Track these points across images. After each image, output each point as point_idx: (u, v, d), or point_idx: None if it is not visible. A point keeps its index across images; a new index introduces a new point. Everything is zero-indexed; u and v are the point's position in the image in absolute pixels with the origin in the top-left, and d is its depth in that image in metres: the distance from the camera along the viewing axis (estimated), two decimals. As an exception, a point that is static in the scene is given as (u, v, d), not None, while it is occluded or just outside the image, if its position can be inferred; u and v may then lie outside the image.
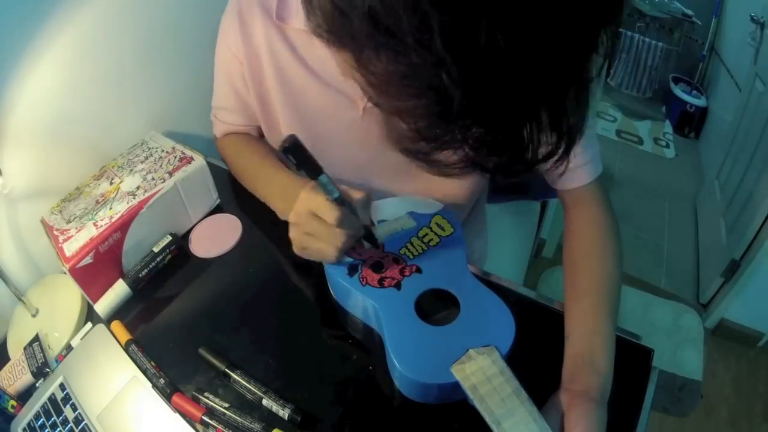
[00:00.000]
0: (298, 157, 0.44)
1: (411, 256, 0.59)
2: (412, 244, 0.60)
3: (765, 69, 1.61)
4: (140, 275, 0.69)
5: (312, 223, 0.52)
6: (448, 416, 0.54)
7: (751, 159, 1.57)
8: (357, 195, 0.53)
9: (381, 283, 0.56)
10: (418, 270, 0.58)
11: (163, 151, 0.78)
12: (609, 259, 0.60)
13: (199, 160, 0.75)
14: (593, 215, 0.65)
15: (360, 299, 0.57)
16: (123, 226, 0.67)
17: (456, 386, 0.48)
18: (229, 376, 0.57)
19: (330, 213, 0.49)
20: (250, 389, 0.56)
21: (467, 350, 0.50)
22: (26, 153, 0.69)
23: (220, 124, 0.79)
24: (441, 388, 0.50)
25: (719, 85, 2.38)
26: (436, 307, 0.56)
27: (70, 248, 0.64)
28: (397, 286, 0.56)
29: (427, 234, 0.61)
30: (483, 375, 0.48)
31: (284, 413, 0.53)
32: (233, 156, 0.79)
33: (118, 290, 0.67)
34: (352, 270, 0.57)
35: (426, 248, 0.60)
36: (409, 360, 0.50)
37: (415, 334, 0.52)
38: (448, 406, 0.54)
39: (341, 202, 0.50)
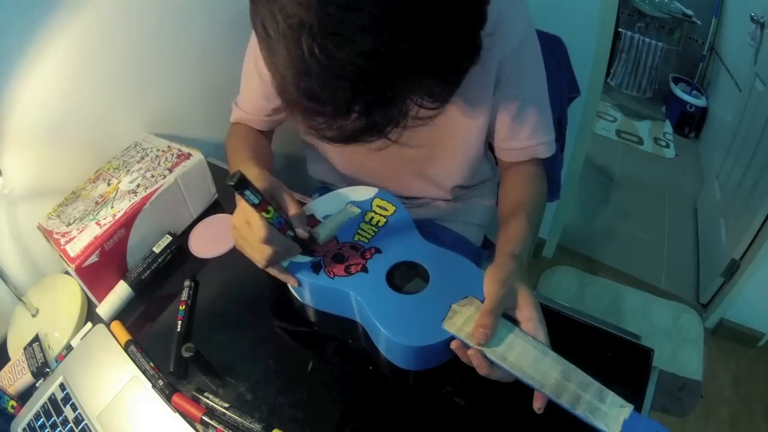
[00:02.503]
0: (244, 188, 0.47)
1: (366, 240, 0.61)
2: (362, 229, 0.63)
3: (765, 69, 1.61)
4: (142, 277, 0.69)
5: (246, 231, 0.55)
6: (446, 403, 0.54)
7: (751, 159, 1.57)
8: (292, 210, 0.56)
9: (348, 271, 0.58)
10: (378, 251, 0.60)
11: (158, 150, 0.79)
12: (535, 197, 0.70)
13: (197, 156, 0.76)
14: (530, 176, 0.73)
15: (332, 293, 0.58)
16: (127, 222, 0.67)
17: (448, 343, 0.51)
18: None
19: (259, 231, 0.52)
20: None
21: (450, 306, 0.53)
22: (26, 154, 0.69)
23: (236, 111, 0.80)
24: (436, 349, 0.52)
25: (719, 85, 2.38)
26: (406, 278, 0.59)
27: (74, 248, 0.64)
28: (364, 269, 0.58)
29: (373, 217, 0.64)
30: (473, 323, 0.50)
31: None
32: (228, 140, 0.81)
33: (120, 292, 0.67)
34: (316, 268, 0.58)
35: (377, 230, 0.63)
36: (400, 330, 0.52)
37: (398, 306, 0.55)
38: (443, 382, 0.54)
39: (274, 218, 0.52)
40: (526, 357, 0.48)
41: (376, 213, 0.65)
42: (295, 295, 0.64)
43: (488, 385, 0.57)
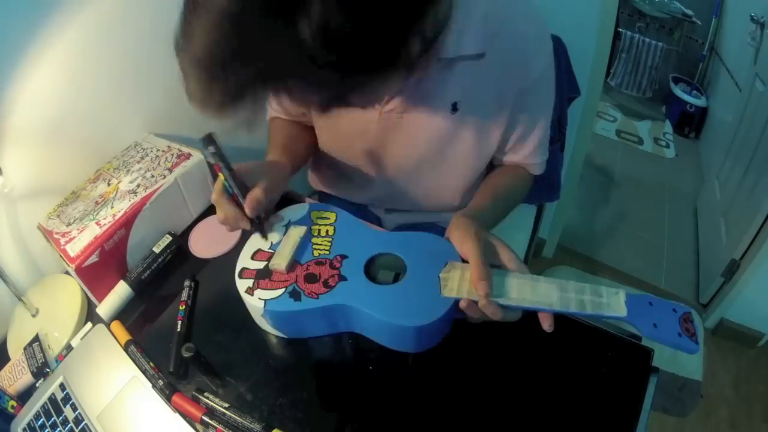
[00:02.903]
0: (215, 148, 0.55)
1: (327, 252, 0.61)
2: (317, 243, 0.62)
3: (765, 69, 1.61)
4: (143, 277, 0.69)
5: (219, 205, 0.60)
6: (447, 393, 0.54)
7: (751, 159, 1.57)
8: (255, 187, 0.59)
9: (327, 285, 0.57)
10: (344, 256, 0.60)
11: (158, 150, 0.79)
12: (510, 189, 0.74)
13: (197, 156, 0.76)
14: (513, 171, 0.76)
15: (322, 313, 0.57)
16: (127, 222, 0.67)
17: (450, 313, 0.53)
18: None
19: (220, 209, 0.58)
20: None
21: (438, 277, 0.55)
22: (26, 153, 0.69)
23: (269, 108, 0.83)
24: (442, 321, 0.53)
25: (719, 85, 2.38)
26: (384, 270, 0.61)
27: (74, 248, 0.64)
28: (342, 278, 0.58)
29: (320, 229, 0.64)
30: (466, 281, 0.53)
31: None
32: (269, 136, 0.82)
33: (120, 292, 0.67)
34: (295, 295, 0.56)
35: (331, 239, 0.63)
36: (406, 315, 0.53)
37: (392, 297, 0.55)
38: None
39: (231, 185, 0.57)
40: (525, 289, 0.52)
41: (320, 224, 0.64)
42: (279, 334, 0.62)
43: (486, 378, 0.57)
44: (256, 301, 0.57)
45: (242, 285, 0.59)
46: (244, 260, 0.61)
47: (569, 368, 0.58)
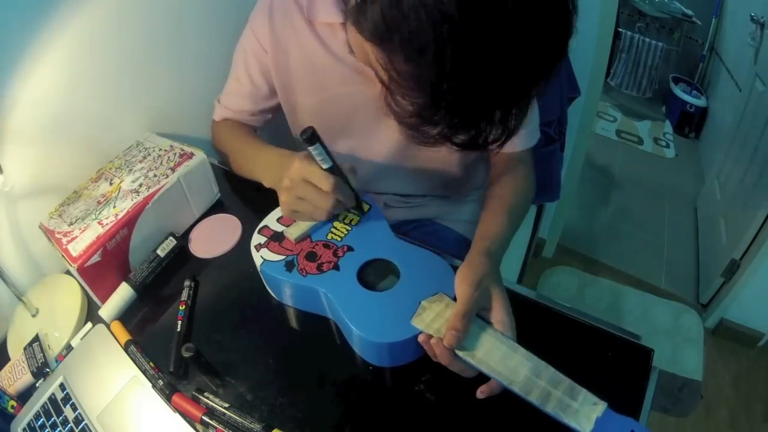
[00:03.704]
0: (315, 141, 0.53)
1: (339, 239, 0.62)
2: (336, 228, 0.64)
3: (765, 69, 1.61)
4: (147, 281, 0.69)
5: (305, 189, 0.58)
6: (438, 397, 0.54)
7: (751, 159, 1.57)
8: (346, 166, 0.59)
9: (320, 269, 0.59)
10: (350, 249, 0.61)
11: (161, 149, 0.79)
12: (519, 195, 0.72)
13: (200, 155, 0.76)
14: (517, 171, 0.75)
15: (305, 291, 0.59)
16: (130, 222, 0.67)
17: (412, 342, 0.52)
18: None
19: (325, 181, 0.56)
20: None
21: (419, 303, 0.54)
22: (26, 151, 0.69)
23: (222, 109, 0.83)
24: (407, 345, 0.53)
25: (719, 85, 2.38)
26: (377, 276, 0.60)
27: (76, 248, 0.64)
28: (336, 267, 0.59)
29: (346, 216, 0.65)
30: (442, 319, 0.51)
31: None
32: (227, 136, 0.83)
33: (123, 294, 0.67)
34: (289, 266, 0.59)
35: (350, 228, 0.64)
36: (369, 327, 0.53)
37: (368, 303, 0.55)
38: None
39: (333, 171, 0.56)
40: (495, 353, 0.48)
41: (349, 212, 0.66)
42: (272, 293, 0.65)
43: (486, 378, 0.57)
44: (257, 258, 0.62)
45: (255, 239, 0.64)
46: (269, 220, 0.66)
47: (569, 368, 0.58)
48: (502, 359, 0.48)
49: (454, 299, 0.53)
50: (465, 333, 0.49)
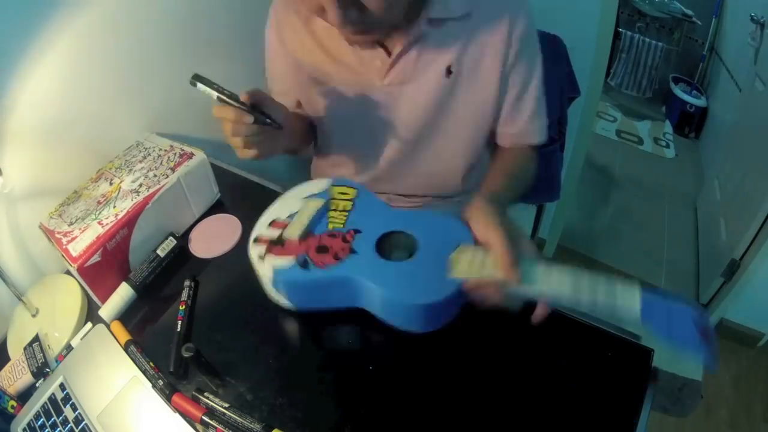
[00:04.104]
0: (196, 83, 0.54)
1: (342, 226, 0.62)
2: (333, 217, 0.63)
3: (765, 69, 1.61)
4: (147, 281, 0.69)
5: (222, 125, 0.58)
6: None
7: (751, 159, 1.57)
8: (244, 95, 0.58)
9: (337, 257, 0.58)
10: (357, 231, 0.61)
11: (161, 149, 0.79)
12: (522, 170, 0.74)
13: (200, 155, 0.76)
14: (519, 152, 0.77)
15: (330, 284, 0.58)
16: (130, 222, 0.67)
17: (457, 295, 0.53)
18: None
19: (221, 112, 0.56)
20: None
21: (448, 258, 0.55)
22: (26, 153, 0.69)
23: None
24: (448, 302, 0.53)
25: (719, 85, 2.38)
26: (395, 248, 0.60)
27: (76, 248, 0.64)
28: (351, 251, 0.59)
29: (337, 204, 0.65)
30: (476, 264, 0.53)
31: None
32: None
33: (123, 294, 0.67)
34: (304, 264, 0.58)
35: (347, 214, 0.63)
36: (413, 292, 0.53)
37: (400, 273, 0.56)
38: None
39: (224, 101, 0.55)
40: (543, 278, 0.50)
41: (339, 199, 0.65)
42: (288, 304, 0.62)
43: (486, 378, 0.57)
44: (265, 268, 0.58)
45: (255, 251, 0.60)
46: (260, 228, 0.63)
47: (569, 368, 0.58)
48: (546, 280, 0.50)
49: (475, 244, 0.55)
50: (518, 266, 0.50)
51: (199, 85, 0.55)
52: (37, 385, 0.62)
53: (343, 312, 0.63)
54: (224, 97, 0.55)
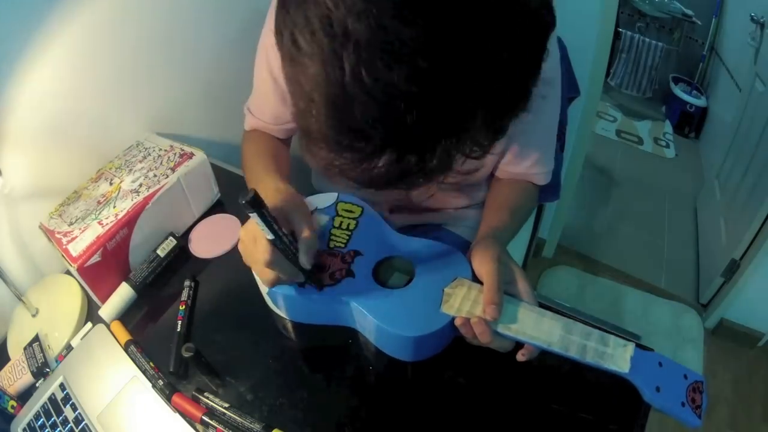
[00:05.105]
0: (254, 209, 0.45)
1: (343, 245, 0.61)
2: (335, 235, 0.62)
3: (765, 69, 1.61)
4: (148, 281, 0.69)
5: (252, 248, 0.53)
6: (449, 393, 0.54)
7: (751, 159, 1.57)
8: (305, 234, 0.52)
9: (333, 278, 0.57)
10: (358, 253, 0.60)
11: (161, 149, 0.79)
12: (521, 205, 0.71)
13: (200, 155, 0.76)
14: (519, 185, 0.74)
15: (323, 303, 0.57)
16: (130, 222, 0.67)
17: (447, 329, 0.52)
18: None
19: (263, 253, 0.50)
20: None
21: (442, 291, 0.54)
22: (26, 153, 0.69)
23: (250, 117, 0.77)
24: (438, 335, 0.53)
25: (719, 85, 2.38)
26: (392, 274, 0.60)
27: (76, 248, 0.64)
28: (349, 273, 0.58)
29: (342, 221, 0.64)
30: (469, 301, 0.52)
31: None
32: (245, 147, 0.78)
33: (123, 294, 0.67)
34: (301, 283, 0.56)
35: (350, 233, 0.62)
36: (402, 324, 0.53)
37: (392, 302, 0.55)
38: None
39: (276, 244, 0.49)
40: (528, 321, 0.50)
41: (344, 217, 0.64)
42: (284, 315, 0.62)
43: (485, 378, 0.57)
44: (263, 286, 0.58)
45: None
46: None
47: (569, 368, 0.58)
48: (536, 325, 0.50)
49: (473, 280, 0.55)
50: (501, 305, 0.50)
51: (254, 216, 0.45)
52: (37, 385, 0.62)
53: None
54: (284, 243, 0.49)
